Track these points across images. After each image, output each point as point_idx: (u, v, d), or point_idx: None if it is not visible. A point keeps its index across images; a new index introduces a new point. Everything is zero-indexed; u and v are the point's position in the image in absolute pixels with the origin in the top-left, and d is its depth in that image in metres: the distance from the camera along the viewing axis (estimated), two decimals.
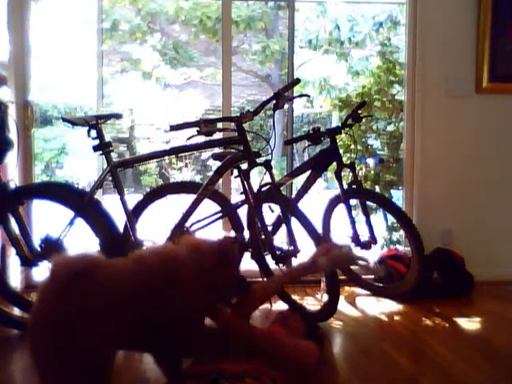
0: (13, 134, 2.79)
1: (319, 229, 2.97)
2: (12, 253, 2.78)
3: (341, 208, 3.25)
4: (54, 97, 8.97)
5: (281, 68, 9.33)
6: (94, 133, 2.76)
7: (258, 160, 2.77)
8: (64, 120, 2.86)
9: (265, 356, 1.80)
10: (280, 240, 2.95)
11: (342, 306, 3.03)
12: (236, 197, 3.13)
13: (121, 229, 2.84)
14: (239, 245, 3.11)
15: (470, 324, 2.85)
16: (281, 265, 2.80)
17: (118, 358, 2.41)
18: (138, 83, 8.92)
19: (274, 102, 2.80)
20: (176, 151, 2.92)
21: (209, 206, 3.07)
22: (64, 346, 1.43)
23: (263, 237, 2.82)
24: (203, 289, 1.68)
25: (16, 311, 2.83)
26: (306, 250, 2.77)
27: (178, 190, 3.17)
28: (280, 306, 2.95)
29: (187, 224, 2.94)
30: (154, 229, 3.01)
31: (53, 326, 1.44)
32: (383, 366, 2.27)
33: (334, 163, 3.22)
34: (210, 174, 2.93)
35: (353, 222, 3.24)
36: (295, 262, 2.83)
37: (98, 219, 2.70)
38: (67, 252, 1.63)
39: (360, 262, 2.18)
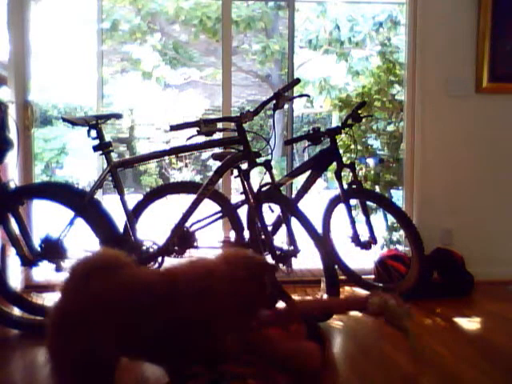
0: (13, 134, 2.79)
1: (319, 229, 2.97)
2: (12, 253, 2.78)
3: (341, 208, 3.25)
4: (54, 97, 8.96)
5: (281, 68, 9.33)
6: (94, 133, 2.76)
7: (258, 160, 2.77)
8: (64, 120, 2.86)
9: (267, 359, 1.79)
10: (280, 240, 2.95)
11: None
12: (236, 197, 3.13)
13: (121, 229, 2.84)
14: (239, 245, 3.11)
15: (470, 324, 2.85)
16: (281, 265, 2.79)
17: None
18: (138, 83, 8.92)
19: (274, 101, 2.80)
20: (176, 151, 2.92)
21: (209, 206, 3.07)
22: (67, 346, 1.43)
23: (263, 237, 2.81)
24: (236, 305, 1.63)
25: (16, 311, 2.83)
26: (306, 250, 2.78)
27: (178, 190, 3.17)
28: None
29: (187, 224, 2.94)
30: (154, 229, 3.01)
31: (62, 324, 1.44)
32: (383, 366, 2.27)
33: (334, 163, 3.22)
34: (210, 174, 2.93)
35: (353, 222, 3.24)
36: (295, 261, 2.84)
37: (98, 219, 2.71)
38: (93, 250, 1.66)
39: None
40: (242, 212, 3.03)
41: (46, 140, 9.18)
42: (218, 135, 3.11)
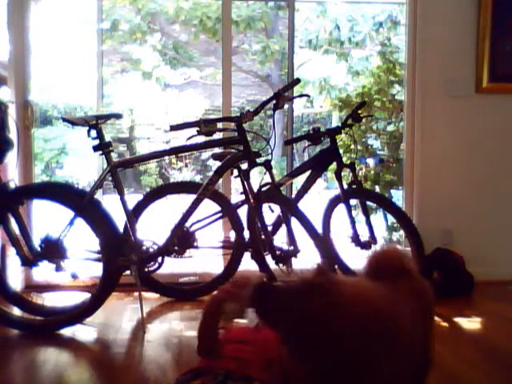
0: (13, 134, 2.79)
1: (319, 229, 2.97)
2: (12, 253, 2.78)
3: (341, 208, 3.25)
4: (54, 97, 8.95)
5: (281, 68, 9.32)
6: (94, 133, 2.76)
7: (258, 160, 2.77)
8: (64, 120, 2.87)
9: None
10: (280, 240, 2.95)
11: None
12: (236, 197, 3.14)
13: (121, 229, 2.84)
14: (239, 245, 3.12)
15: (470, 324, 2.85)
16: (281, 265, 2.80)
17: (117, 358, 2.43)
18: (138, 83, 8.91)
19: (274, 101, 2.80)
20: (176, 151, 2.93)
21: (209, 206, 3.07)
22: None
23: (263, 237, 2.82)
24: None
25: (16, 311, 2.83)
26: (306, 250, 2.78)
27: (178, 190, 3.18)
28: None
29: (187, 224, 2.94)
30: (154, 229, 3.01)
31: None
32: None
33: (334, 163, 3.22)
34: (210, 174, 2.93)
35: (353, 222, 3.24)
36: (295, 261, 2.84)
37: (98, 219, 2.71)
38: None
39: None
40: (242, 212, 3.03)
41: (46, 140, 9.17)
42: (218, 135, 3.12)
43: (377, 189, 4.15)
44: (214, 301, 1.69)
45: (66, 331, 2.69)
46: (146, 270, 2.92)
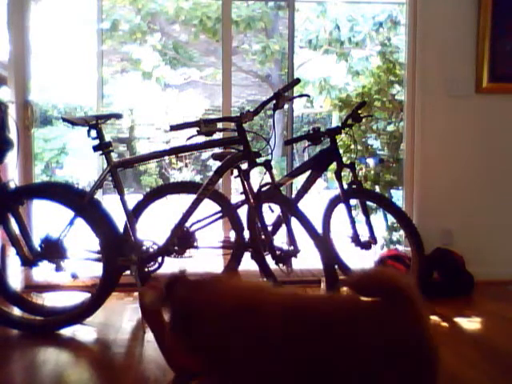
0: (13, 134, 2.79)
1: (319, 229, 2.97)
2: (12, 253, 2.78)
3: (341, 208, 3.25)
4: (54, 97, 8.95)
5: (281, 68, 9.33)
6: (94, 133, 2.76)
7: (258, 160, 2.77)
8: (64, 120, 2.86)
9: None
10: (280, 240, 2.95)
11: None
12: (236, 197, 3.13)
13: (121, 229, 2.84)
14: (239, 245, 3.11)
15: (470, 324, 2.85)
16: (281, 265, 2.80)
17: (117, 358, 2.43)
18: (138, 83, 8.91)
19: (274, 101, 2.80)
20: (176, 151, 2.92)
21: (209, 206, 3.07)
22: None
23: (263, 237, 2.82)
24: None
25: (16, 311, 2.83)
26: (306, 250, 2.78)
27: (178, 190, 3.18)
28: None
29: (187, 224, 2.94)
30: (154, 229, 3.01)
31: None
32: None
33: (334, 163, 3.22)
34: (210, 174, 2.93)
35: (353, 222, 3.24)
36: (295, 261, 2.84)
37: (98, 219, 2.71)
38: None
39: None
40: (242, 212, 3.03)
41: (46, 140, 9.17)
42: (218, 135, 3.11)
43: (377, 189, 4.15)
44: (140, 295, 1.76)
45: (66, 331, 2.69)
46: (146, 270, 2.92)
